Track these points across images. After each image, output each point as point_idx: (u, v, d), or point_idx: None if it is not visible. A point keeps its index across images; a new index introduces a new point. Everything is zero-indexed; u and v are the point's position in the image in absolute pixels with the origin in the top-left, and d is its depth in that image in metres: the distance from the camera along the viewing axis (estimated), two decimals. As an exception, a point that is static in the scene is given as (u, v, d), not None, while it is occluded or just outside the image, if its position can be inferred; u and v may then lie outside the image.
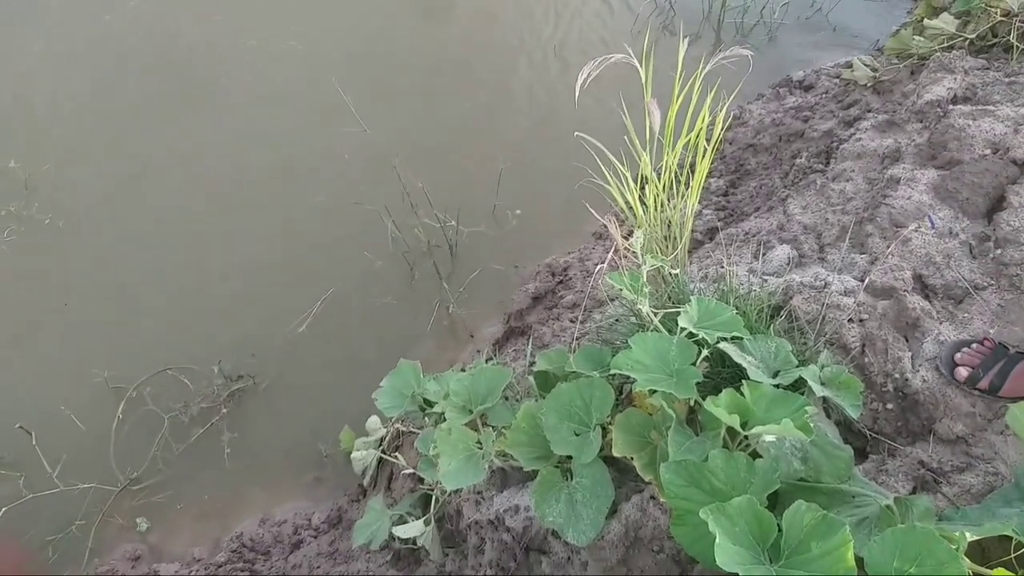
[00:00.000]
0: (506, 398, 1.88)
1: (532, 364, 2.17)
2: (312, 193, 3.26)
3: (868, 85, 3.20)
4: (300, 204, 3.23)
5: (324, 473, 2.55)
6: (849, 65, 3.40)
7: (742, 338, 1.59)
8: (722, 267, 2.15)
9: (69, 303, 2.93)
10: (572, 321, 2.58)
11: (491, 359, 2.63)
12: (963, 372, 1.59)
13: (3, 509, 2.39)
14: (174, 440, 2.59)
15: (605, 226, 1.86)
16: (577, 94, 1.51)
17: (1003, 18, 2.88)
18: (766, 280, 2.05)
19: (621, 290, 1.69)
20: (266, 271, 3.01)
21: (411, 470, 1.98)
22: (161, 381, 2.71)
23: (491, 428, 1.75)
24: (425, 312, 2.92)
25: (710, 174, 3.11)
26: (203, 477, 2.55)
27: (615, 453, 1.45)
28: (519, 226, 3.19)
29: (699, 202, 1.99)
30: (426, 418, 2.09)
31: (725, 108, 1.86)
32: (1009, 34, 2.85)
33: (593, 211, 2.03)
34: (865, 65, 3.26)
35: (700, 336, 1.55)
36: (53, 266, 3.04)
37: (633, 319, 1.93)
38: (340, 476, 2.52)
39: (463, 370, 2.54)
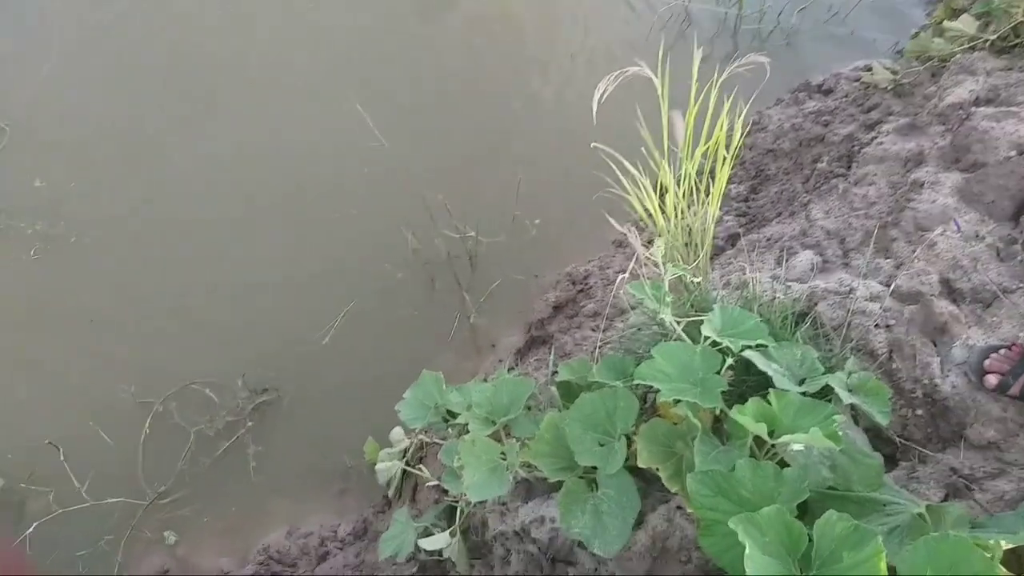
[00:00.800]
0: (528, 408, 1.88)
1: (554, 374, 2.17)
2: (333, 206, 3.28)
3: (888, 88, 3.17)
4: (321, 217, 3.25)
5: (349, 485, 2.56)
6: (868, 68, 3.38)
7: (767, 346, 1.58)
8: (744, 274, 2.13)
9: (95, 319, 2.96)
10: (593, 330, 2.57)
11: (513, 369, 2.63)
12: (993, 379, 1.57)
13: (34, 524, 2.43)
14: (200, 454, 2.62)
15: (625, 235, 1.85)
16: (595, 109, 1.51)
17: (1025, 17, 2.85)
18: (790, 286, 2.04)
19: (643, 300, 1.68)
20: (288, 284, 3.04)
21: (435, 482, 1.98)
22: (186, 395, 2.74)
23: (515, 439, 1.75)
24: (446, 323, 2.93)
25: (730, 180, 3.10)
26: (229, 490, 2.57)
27: (640, 464, 1.45)
28: (539, 235, 3.19)
29: (719, 208, 1.98)
30: (449, 429, 2.09)
31: (744, 115, 1.85)
32: (1032, 33, 2.81)
33: (613, 220, 2.03)
34: (885, 68, 3.23)
35: (724, 344, 1.54)
36: (78, 283, 3.08)
37: (655, 328, 1.92)
38: (365, 487, 2.53)
39: (485, 380, 2.54)
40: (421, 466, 2.12)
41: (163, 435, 2.66)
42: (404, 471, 2.33)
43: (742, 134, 1.86)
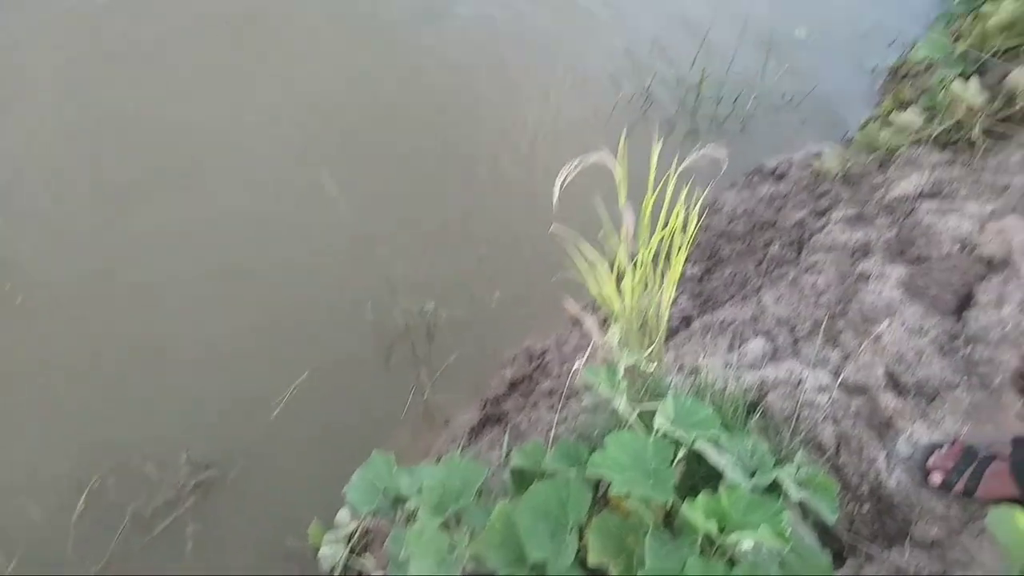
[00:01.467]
0: (480, 494, 1.84)
1: (508, 455, 2.14)
2: (288, 274, 3.25)
3: (838, 176, 3.29)
4: (275, 285, 3.21)
5: (290, 569, 2.45)
6: (819, 155, 3.50)
7: (719, 437, 1.58)
8: (698, 359, 2.15)
9: (33, 387, 2.85)
10: (549, 409, 2.56)
11: (466, 449, 2.59)
12: (937, 477, 1.59)
13: (-48, 608, 2.29)
14: (136, 533, 2.50)
15: (582, 318, 1.86)
16: (556, 196, 1.54)
17: (967, 113, 2.98)
18: (741, 375, 2.06)
19: (599, 384, 1.69)
20: (238, 355, 2.97)
21: (380, 573, 1.92)
22: (126, 469, 2.63)
23: (465, 527, 1.70)
24: (401, 397, 2.88)
25: (685, 261, 3.15)
26: (165, 572, 2.45)
27: (590, 561, 1.42)
28: (497, 310, 3.19)
29: (675, 289, 2.01)
30: (399, 512, 2.03)
31: (699, 203, 1.89)
32: (974, 129, 2.94)
33: (571, 302, 2.04)
34: (835, 156, 3.35)
35: (677, 435, 1.54)
36: (21, 348, 2.97)
37: (610, 412, 1.92)
38: (308, 573, 2.43)
39: (438, 460, 2.49)
40: (367, 553, 2.06)
41: (99, 512, 2.53)
42: (349, 557, 2.25)
43: (698, 220, 1.90)
